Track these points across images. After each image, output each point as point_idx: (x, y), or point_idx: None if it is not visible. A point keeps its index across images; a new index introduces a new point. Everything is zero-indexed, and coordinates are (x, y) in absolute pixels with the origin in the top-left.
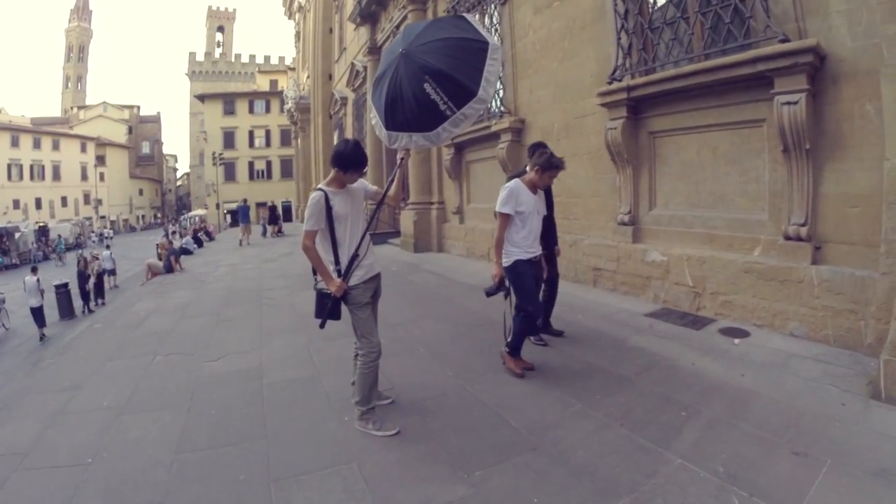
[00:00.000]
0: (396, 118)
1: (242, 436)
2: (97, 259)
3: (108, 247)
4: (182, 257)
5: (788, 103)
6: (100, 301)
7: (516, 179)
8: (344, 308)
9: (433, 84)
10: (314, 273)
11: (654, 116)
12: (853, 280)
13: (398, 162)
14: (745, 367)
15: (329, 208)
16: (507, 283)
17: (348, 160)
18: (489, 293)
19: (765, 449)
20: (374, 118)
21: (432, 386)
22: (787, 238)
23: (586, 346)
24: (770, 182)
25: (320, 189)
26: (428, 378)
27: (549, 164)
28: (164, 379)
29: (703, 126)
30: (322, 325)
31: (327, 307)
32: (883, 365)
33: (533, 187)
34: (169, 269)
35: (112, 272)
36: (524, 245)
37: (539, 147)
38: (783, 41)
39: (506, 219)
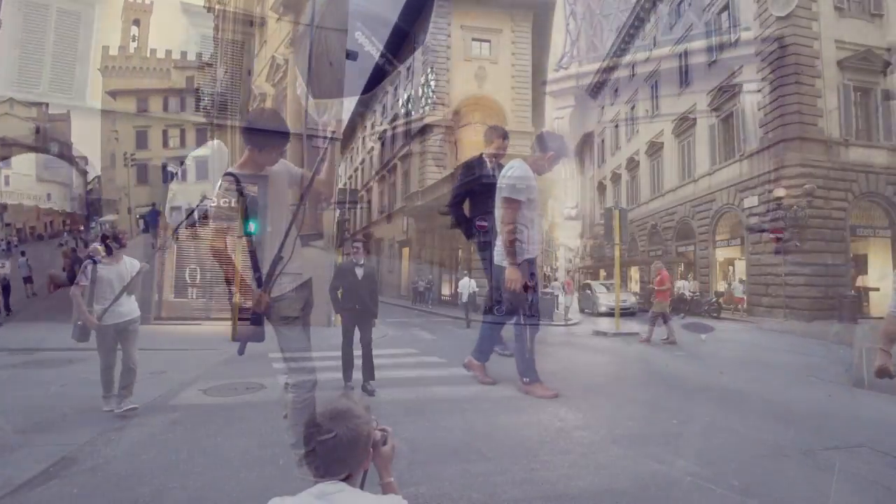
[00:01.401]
0: (324, 84)
1: (154, 489)
2: (2, 267)
3: (22, 253)
4: (89, 266)
5: (752, 92)
6: (5, 313)
7: (519, 160)
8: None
9: (367, 31)
10: (228, 284)
11: (604, 106)
12: (820, 270)
13: (326, 140)
14: (721, 364)
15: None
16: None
17: (264, 133)
18: (525, 303)
19: (771, 453)
20: (298, 87)
21: (381, 412)
22: (751, 231)
23: (549, 351)
24: (733, 174)
25: (230, 174)
26: (375, 400)
27: (566, 152)
28: (62, 414)
29: (658, 116)
30: (241, 351)
31: (246, 326)
32: (864, 353)
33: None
34: (72, 280)
35: (28, 279)
36: (533, 239)
37: (497, 129)
38: (746, 29)
39: (517, 206)
